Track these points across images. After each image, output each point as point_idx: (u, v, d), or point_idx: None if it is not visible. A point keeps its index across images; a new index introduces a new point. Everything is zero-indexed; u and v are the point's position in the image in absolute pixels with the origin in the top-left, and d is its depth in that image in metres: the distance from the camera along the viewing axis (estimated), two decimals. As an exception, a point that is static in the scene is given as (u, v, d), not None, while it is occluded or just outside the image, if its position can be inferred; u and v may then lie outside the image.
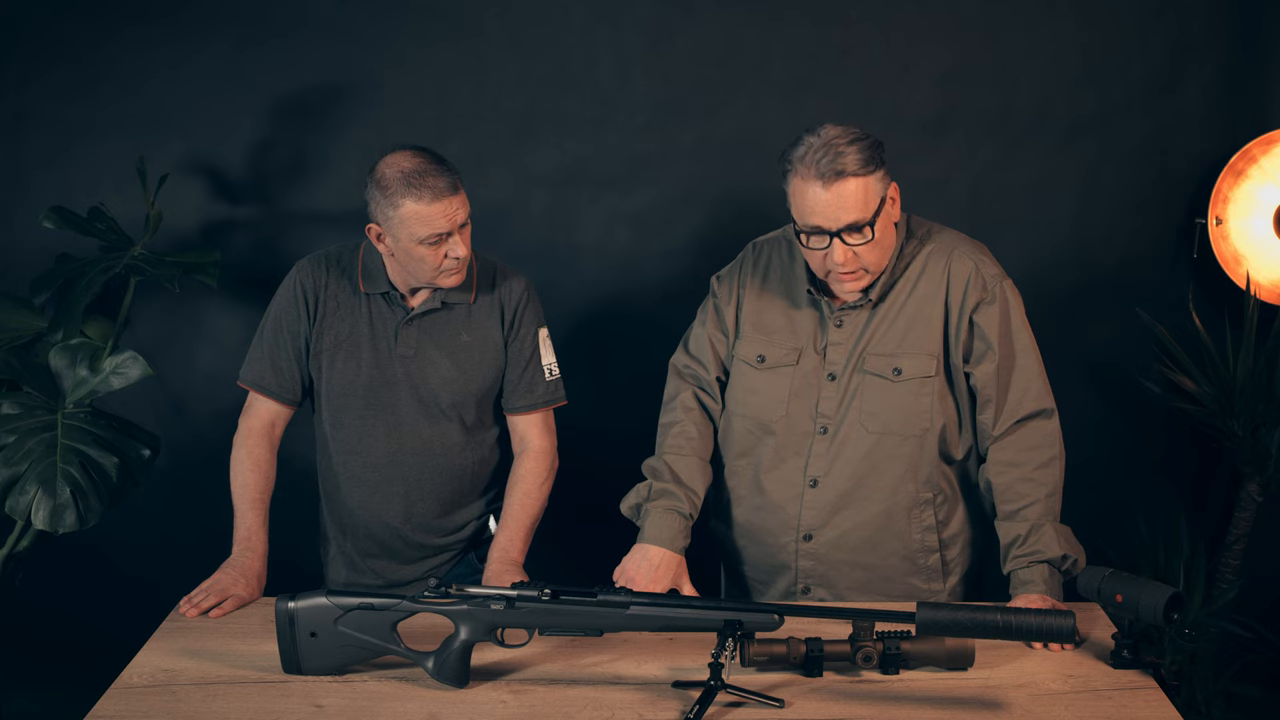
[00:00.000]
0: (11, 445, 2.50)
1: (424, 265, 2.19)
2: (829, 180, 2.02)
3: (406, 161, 2.15)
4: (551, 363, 2.38)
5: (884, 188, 2.07)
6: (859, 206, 2.03)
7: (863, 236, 2.05)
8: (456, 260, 2.19)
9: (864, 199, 2.03)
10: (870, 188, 2.04)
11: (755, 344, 2.25)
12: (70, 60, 3.00)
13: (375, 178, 2.16)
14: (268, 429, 2.33)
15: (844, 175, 2.01)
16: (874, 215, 2.05)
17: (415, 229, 2.14)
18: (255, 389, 2.34)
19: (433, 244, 2.16)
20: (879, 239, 2.08)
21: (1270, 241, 3.04)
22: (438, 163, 2.16)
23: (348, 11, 3.00)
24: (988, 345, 2.14)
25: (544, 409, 2.38)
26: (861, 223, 2.04)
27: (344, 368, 2.31)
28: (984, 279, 2.15)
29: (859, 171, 2.02)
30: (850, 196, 2.02)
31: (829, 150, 2.01)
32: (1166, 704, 1.79)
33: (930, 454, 2.16)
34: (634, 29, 3.03)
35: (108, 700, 1.79)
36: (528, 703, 1.79)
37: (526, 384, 2.36)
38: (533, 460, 2.35)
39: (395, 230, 2.16)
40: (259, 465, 2.29)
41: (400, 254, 2.20)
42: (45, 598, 3.09)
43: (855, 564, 2.20)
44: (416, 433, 2.32)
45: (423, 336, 2.30)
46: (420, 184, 2.12)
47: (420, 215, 2.13)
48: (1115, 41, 3.04)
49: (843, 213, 2.03)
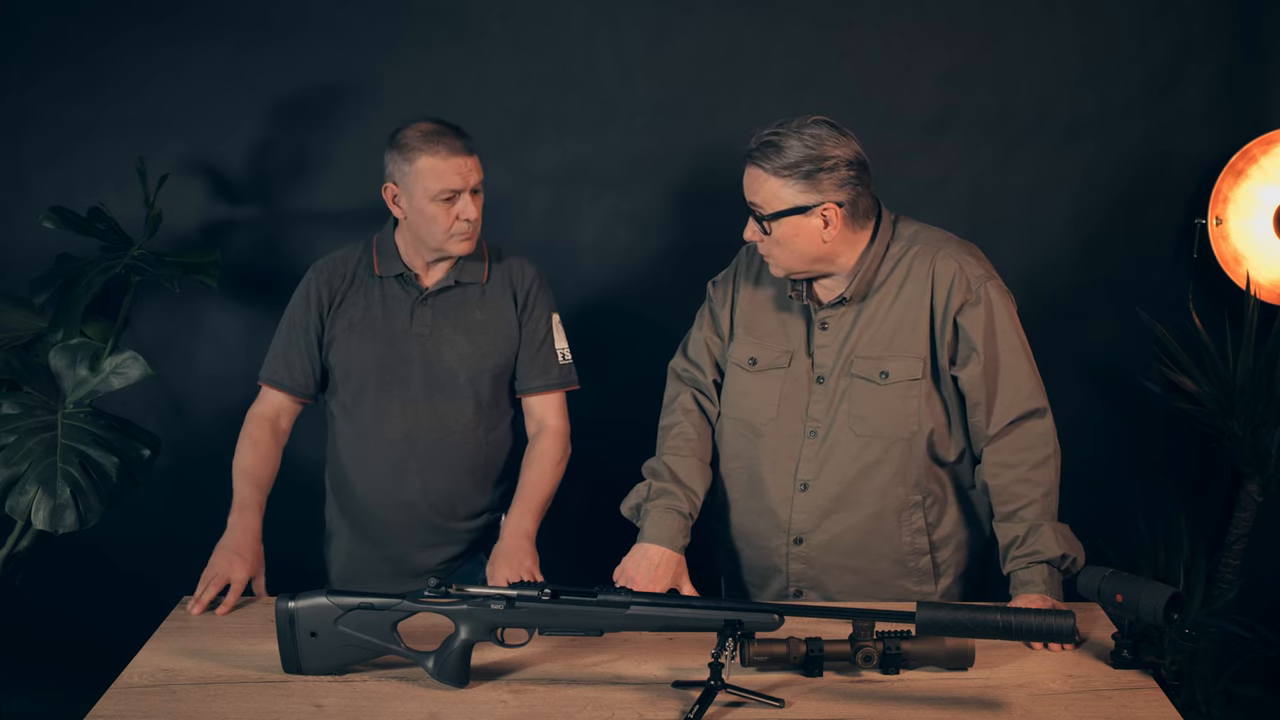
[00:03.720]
0: (11, 445, 2.50)
1: (435, 226, 2.26)
2: (747, 159, 2.09)
3: (425, 125, 2.26)
4: (564, 347, 2.43)
5: (806, 199, 2.06)
6: (757, 196, 2.09)
7: (757, 223, 2.10)
8: (468, 224, 2.26)
9: (764, 194, 2.08)
10: (775, 190, 2.07)
11: (748, 346, 2.26)
12: (72, 61, 3.00)
13: (395, 140, 2.27)
14: (273, 416, 2.39)
15: (753, 163, 2.08)
16: (772, 214, 2.07)
17: (429, 183, 2.22)
18: (267, 383, 2.40)
19: (445, 200, 2.23)
20: (779, 240, 2.10)
21: (1270, 241, 3.04)
22: (456, 129, 2.27)
23: (348, 12, 3.00)
24: (972, 348, 2.12)
25: (558, 391, 2.42)
26: (758, 211, 2.09)
27: (359, 348, 2.36)
28: (968, 280, 2.14)
29: (766, 168, 2.06)
30: (752, 182, 2.09)
31: (768, 135, 2.07)
32: (1166, 704, 1.79)
33: (919, 456, 2.16)
34: (635, 30, 3.03)
35: (108, 700, 1.79)
36: (528, 703, 1.79)
37: (541, 365, 2.40)
38: (549, 439, 2.39)
39: (410, 185, 2.24)
40: (257, 445, 2.34)
41: (413, 214, 2.27)
42: (45, 598, 3.09)
43: (846, 567, 2.19)
44: (432, 409, 2.36)
45: (438, 315, 2.35)
46: (437, 140, 2.23)
47: (434, 169, 2.22)
48: (1115, 42, 3.04)
49: (747, 191, 2.11)
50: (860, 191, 2.09)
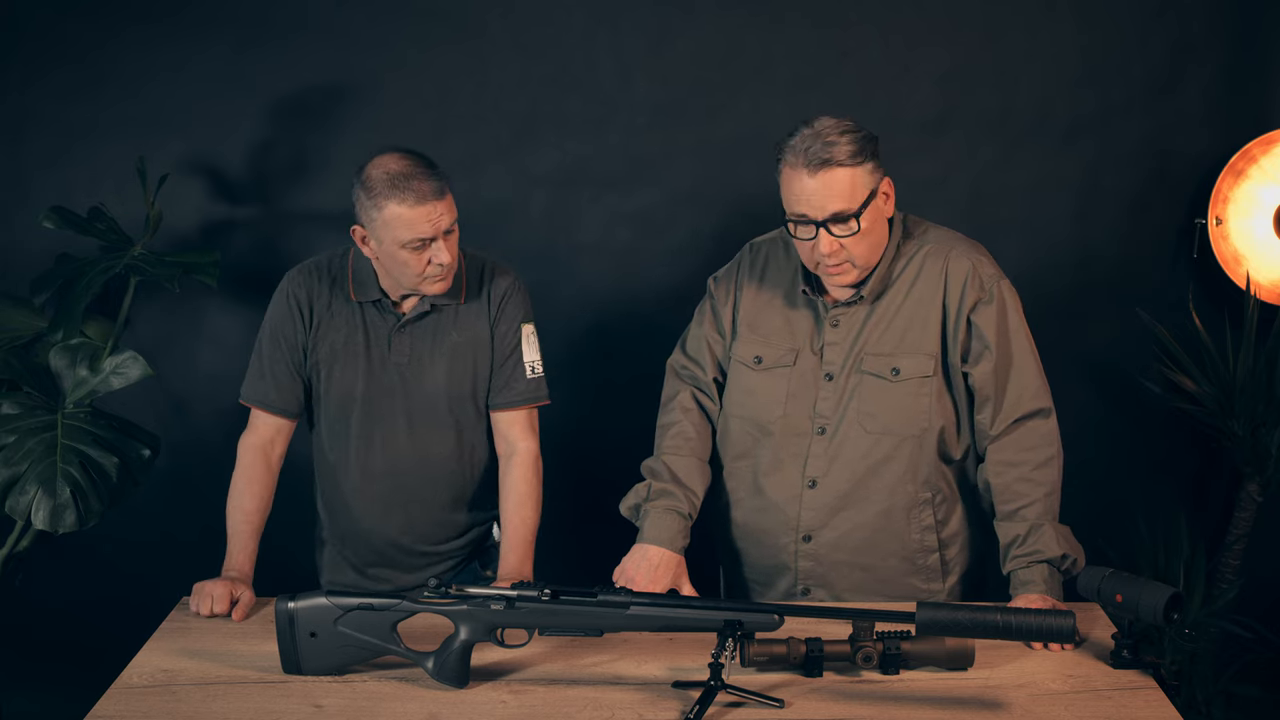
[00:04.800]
0: (11, 445, 2.50)
1: (407, 270, 2.16)
2: (815, 168, 2.03)
3: (393, 163, 2.11)
4: (535, 360, 2.32)
5: (874, 181, 2.07)
6: (844, 197, 2.04)
7: (848, 228, 2.06)
8: (440, 267, 2.15)
9: (850, 190, 2.04)
10: (858, 179, 2.04)
11: (752, 345, 2.25)
12: (72, 61, 3.00)
13: (362, 179, 2.13)
14: (267, 447, 2.30)
15: (830, 164, 2.02)
16: (860, 207, 2.05)
17: (398, 232, 2.10)
18: (257, 406, 2.31)
19: (416, 249, 2.12)
20: (866, 232, 2.08)
21: (1270, 241, 3.04)
22: (426, 166, 2.12)
23: (348, 12, 3.00)
24: (985, 345, 2.14)
25: (524, 408, 2.32)
26: (847, 213, 2.05)
27: (341, 378, 2.29)
28: (981, 279, 2.15)
29: (846, 162, 2.03)
30: (836, 186, 2.03)
31: (819, 139, 2.03)
32: (1166, 704, 1.79)
33: (929, 454, 2.16)
34: (635, 30, 3.03)
35: (108, 700, 1.79)
36: (528, 703, 1.79)
37: (504, 379, 2.31)
38: (519, 468, 2.31)
39: (379, 232, 2.13)
40: (252, 484, 2.26)
41: (384, 257, 2.17)
42: (45, 598, 3.09)
43: (854, 565, 2.20)
44: (413, 442, 2.30)
45: (416, 342, 2.28)
46: (405, 186, 2.08)
47: (403, 218, 2.09)
48: (1115, 42, 3.04)
49: (828, 201, 2.04)
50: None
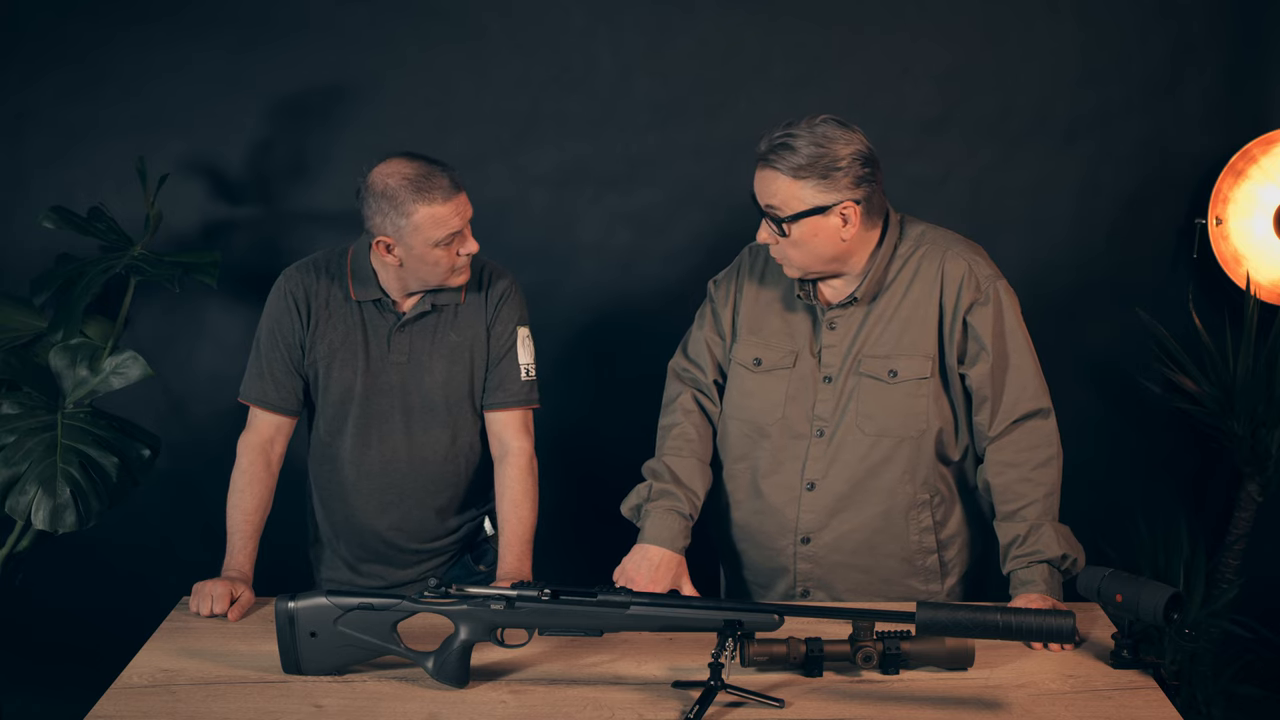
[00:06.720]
0: (11, 445, 2.50)
1: (438, 268, 2.20)
2: (760, 161, 2.08)
3: (405, 168, 2.14)
4: (529, 363, 2.34)
5: (824, 199, 2.05)
6: (774, 199, 2.07)
7: (775, 226, 2.08)
8: (469, 257, 2.21)
9: (781, 196, 2.06)
10: (795, 191, 2.05)
11: (752, 347, 2.25)
12: (72, 61, 3.00)
13: (377, 191, 2.14)
14: (266, 446, 2.30)
15: (770, 165, 2.06)
16: (793, 216, 2.06)
17: (431, 232, 2.14)
18: (256, 404, 2.31)
19: (447, 244, 2.17)
20: (797, 241, 2.08)
21: (1270, 241, 3.04)
22: (434, 163, 2.17)
23: (348, 12, 3.00)
24: (982, 346, 2.13)
25: (518, 409, 2.33)
26: (776, 215, 2.08)
27: (339, 376, 2.30)
28: (978, 280, 2.15)
29: (784, 170, 2.04)
30: (768, 185, 2.07)
31: (781, 137, 2.05)
32: (1166, 704, 1.79)
33: (927, 455, 2.16)
34: (634, 29, 3.03)
35: (108, 700, 1.79)
36: (528, 703, 1.79)
37: (498, 379, 2.32)
38: (514, 469, 2.31)
39: (409, 239, 2.15)
40: (252, 484, 2.26)
41: (413, 261, 2.19)
42: (45, 598, 3.09)
43: (853, 566, 2.20)
44: (409, 441, 2.31)
45: (415, 341, 2.29)
46: (429, 186, 2.13)
47: (435, 217, 2.13)
48: (1115, 42, 3.04)
49: (762, 195, 2.09)
50: (874, 188, 2.10)
